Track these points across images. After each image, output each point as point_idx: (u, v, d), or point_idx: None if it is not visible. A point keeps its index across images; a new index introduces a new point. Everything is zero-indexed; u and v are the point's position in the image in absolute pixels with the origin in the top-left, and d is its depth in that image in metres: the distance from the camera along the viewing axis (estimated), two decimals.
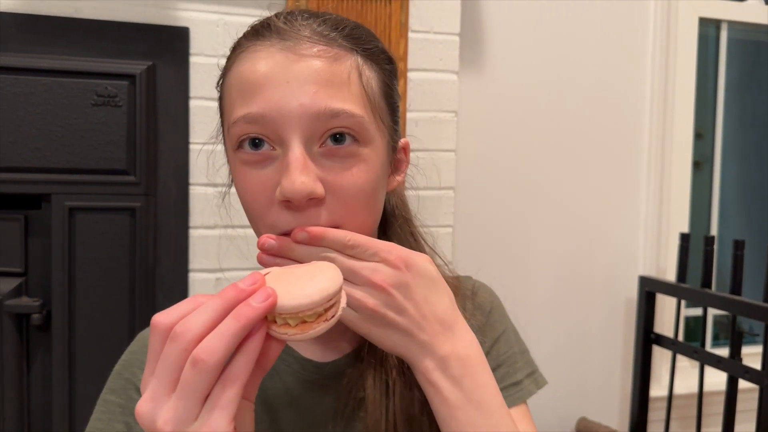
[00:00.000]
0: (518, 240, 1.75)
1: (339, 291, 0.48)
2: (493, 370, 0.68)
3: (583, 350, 1.83)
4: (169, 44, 1.35)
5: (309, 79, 0.55)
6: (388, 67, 0.64)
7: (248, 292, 0.44)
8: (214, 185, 1.39)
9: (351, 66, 0.58)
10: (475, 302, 0.75)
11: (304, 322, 0.46)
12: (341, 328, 0.63)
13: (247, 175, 0.58)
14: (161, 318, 0.44)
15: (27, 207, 1.34)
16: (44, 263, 1.34)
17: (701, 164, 2.12)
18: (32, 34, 1.29)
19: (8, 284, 1.32)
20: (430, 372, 0.56)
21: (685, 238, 1.68)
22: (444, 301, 0.57)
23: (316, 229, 0.54)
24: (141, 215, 1.35)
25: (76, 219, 1.32)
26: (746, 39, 2.14)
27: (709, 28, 2.04)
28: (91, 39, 1.31)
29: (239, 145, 0.57)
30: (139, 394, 0.64)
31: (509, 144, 1.73)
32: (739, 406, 1.55)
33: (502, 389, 0.67)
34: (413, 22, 1.48)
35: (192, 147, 1.38)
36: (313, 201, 0.56)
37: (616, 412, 1.87)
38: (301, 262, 0.55)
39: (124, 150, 1.33)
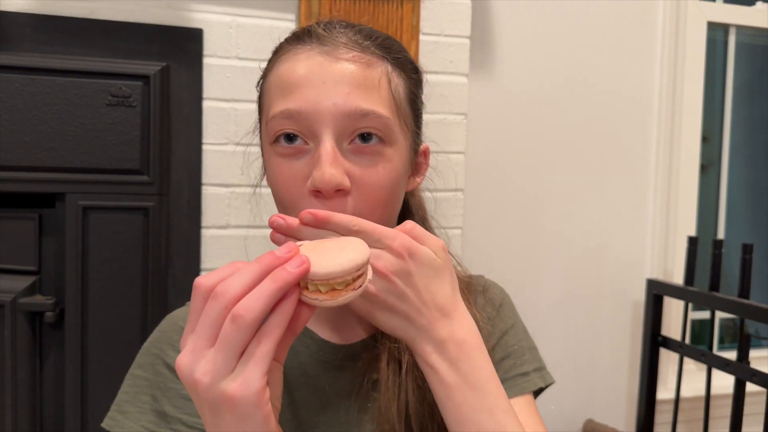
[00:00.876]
0: (526, 242, 1.76)
1: (367, 262, 0.51)
2: (501, 360, 0.74)
3: (591, 352, 1.84)
4: (183, 45, 1.36)
5: (343, 80, 0.61)
6: (414, 77, 0.69)
7: (284, 259, 0.46)
8: (227, 185, 1.40)
9: (382, 72, 0.63)
10: (486, 297, 0.79)
11: (334, 289, 0.49)
12: (358, 315, 0.68)
13: (281, 166, 0.62)
14: (203, 280, 0.47)
15: (41, 206, 1.35)
16: (58, 262, 1.35)
17: (708, 167, 2.12)
18: (47, 35, 1.30)
19: (22, 282, 1.33)
20: (427, 354, 0.58)
21: (692, 242, 1.68)
22: (445, 289, 0.59)
23: (321, 213, 0.55)
24: (154, 215, 1.36)
25: (90, 218, 1.33)
26: (754, 43, 2.14)
27: (717, 32, 2.05)
28: (105, 40, 1.33)
29: (276, 139, 0.63)
30: (168, 369, 0.69)
31: (518, 147, 1.74)
32: (747, 409, 1.55)
33: (508, 379, 0.73)
34: (424, 25, 1.49)
35: (205, 147, 1.39)
36: (341, 192, 0.60)
37: (623, 414, 1.88)
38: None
39: (137, 150, 1.34)
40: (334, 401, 0.69)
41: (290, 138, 0.62)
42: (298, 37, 0.65)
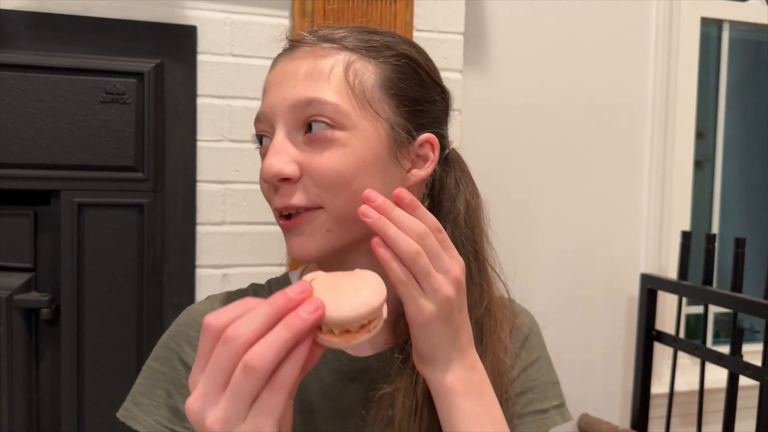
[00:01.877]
0: (521, 238, 1.76)
1: (382, 304, 0.50)
2: (521, 393, 0.74)
3: (585, 347, 1.84)
4: (177, 42, 1.37)
5: (294, 76, 0.64)
6: (396, 63, 0.67)
7: (297, 301, 0.45)
8: (221, 182, 1.41)
9: (336, 61, 0.64)
10: (515, 325, 0.79)
11: (348, 331, 0.48)
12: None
13: (260, 166, 0.66)
14: (212, 320, 0.45)
15: (36, 203, 1.35)
16: (53, 258, 1.35)
17: (703, 163, 2.13)
18: (42, 32, 1.31)
19: (18, 279, 1.33)
20: (457, 379, 0.61)
21: (686, 236, 1.69)
22: (469, 325, 0.63)
23: (414, 200, 0.58)
24: (149, 212, 1.36)
25: (85, 215, 1.34)
26: (748, 39, 2.15)
27: (710, 28, 2.05)
28: (99, 37, 1.33)
29: (258, 142, 0.69)
30: (183, 365, 0.69)
31: (512, 143, 1.74)
32: (740, 403, 1.56)
33: (526, 414, 0.74)
34: (418, 21, 1.49)
35: (199, 144, 1.39)
36: (288, 181, 0.63)
37: (618, 408, 1.89)
38: (395, 224, 0.57)
39: (132, 147, 1.34)
40: (346, 411, 0.70)
41: (261, 139, 0.67)
42: (284, 47, 0.70)
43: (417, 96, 0.68)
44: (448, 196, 0.73)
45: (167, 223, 1.39)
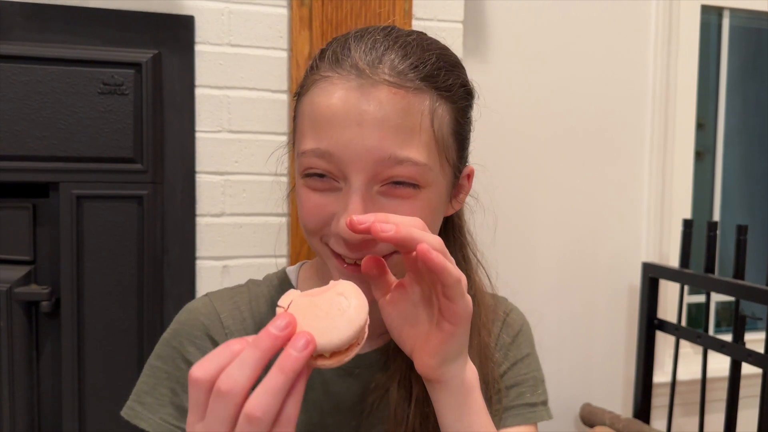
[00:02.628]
0: (522, 228, 1.76)
1: (366, 321, 0.49)
2: (510, 387, 0.76)
3: (587, 337, 1.84)
4: (175, 33, 1.36)
5: (379, 124, 0.57)
6: (463, 103, 0.65)
7: (283, 338, 0.44)
8: (220, 173, 1.40)
9: (424, 111, 0.59)
10: (506, 322, 0.80)
11: (338, 352, 0.48)
12: (374, 321, 0.70)
13: (310, 195, 0.62)
14: (199, 373, 0.44)
15: (35, 195, 1.34)
16: (52, 251, 1.35)
17: (703, 154, 2.13)
18: (38, 23, 1.30)
19: (17, 272, 1.32)
20: (471, 372, 0.60)
21: (687, 224, 1.68)
22: None
23: (431, 251, 0.53)
24: (148, 203, 1.36)
25: (84, 207, 1.33)
26: (748, 26, 2.14)
27: (710, 15, 2.05)
28: (97, 28, 1.32)
29: (306, 174, 0.61)
30: (187, 364, 0.69)
31: (512, 133, 1.74)
32: (742, 392, 1.56)
33: (515, 407, 0.75)
34: (417, 10, 1.48)
35: (198, 135, 1.38)
36: (367, 242, 0.60)
37: (620, 398, 1.89)
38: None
39: (131, 138, 1.34)
40: (346, 406, 0.70)
41: (321, 176, 0.61)
42: (338, 61, 0.61)
43: (468, 133, 0.67)
44: None
45: (167, 214, 1.38)
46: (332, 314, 0.47)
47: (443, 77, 0.62)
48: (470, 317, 0.55)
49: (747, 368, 1.55)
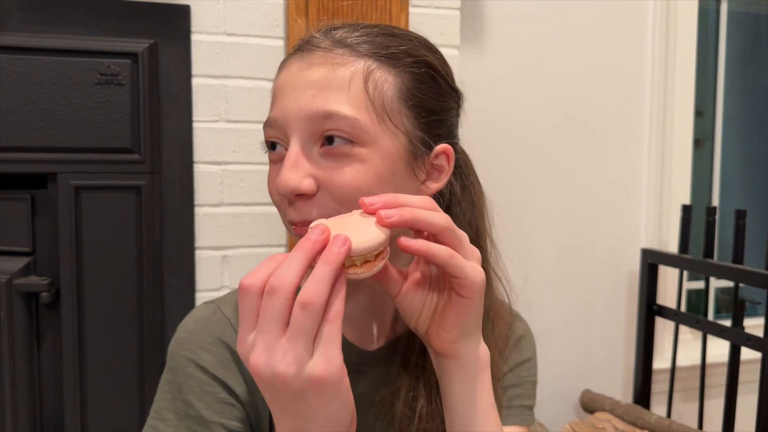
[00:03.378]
0: (522, 215, 1.76)
1: (390, 232, 0.53)
2: (510, 386, 0.78)
3: (587, 324, 1.84)
4: (171, 22, 1.35)
5: (310, 84, 0.61)
6: (416, 71, 0.64)
7: (322, 241, 0.48)
8: (218, 163, 1.40)
9: (356, 71, 0.61)
10: (511, 326, 0.82)
11: (367, 261, 0.51)
12: (383, 318, 0.72)
13: (270, 172, 0.66)
14: (251, 280, 0.47)
15: (33, 186, 1.34)
16: (52, 242, 1.35)
17: (702, 142, 2.12)
18: (34, 14, 1.29)
19: (17, 263, 1.33)
20: (483, 353, 0.61)
21: (686, 210, 1.68)
22: None
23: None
24: (147, 193, 1.36)
25: (82, 198, 1.33)
26: (747, 12, 2.14)
27: (709, 1, 2.04)
28: (92, 18, 1.31)
29: (268, 147, 0.66)
30: (202, 371, 0.68)
31: (511, 120, 1.73)
32: (741, 377, 1.56)
33: (513, 406, 0.78)
34: None
35: (195, 125, 1.38)
36: (304, 197, 0.61)
37: (620, 384, 1.89)
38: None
39: (128, 128, 1.33)
40: (355, 402, 0.70)
41: (273, 145, 0.65)
42: (296, 47, 0.66)
43: (435, 106, 0.66)
44: (455, 198, 0.73)
45: (165, 204, 1.38)
46: (360, 227, 0.52)
47: (384, 45, 0.64)
48: (482, 287, 0.55)
49: (746, 354, 1.55)
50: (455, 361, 0.59)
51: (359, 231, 0.51)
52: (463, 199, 0.74)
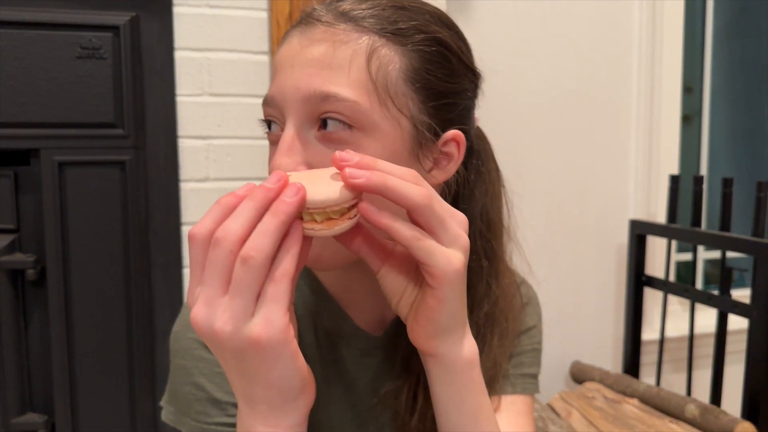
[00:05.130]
0: (509, 187, 1.75)
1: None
2: (513, 356, 0.74)
3: (576, 296, 1.85)
4: None
5: (310, 63, 0.56)
6: (426, 50, 0.59)
7: (276, 190, 0.44)
8: (203, 137, 1.39)
9: (358, 49, 0.56)
10: (520, 293, 0.79)
11: (330, 218, 0.47)
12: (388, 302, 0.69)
13: (269, 153, 0.62)
14: (198, 229, 0.45)
15: (16, 163, 1.33)
16: (36, 219, 1.34)
17: (691, 118, 2.12)
18: None
19: (1, 241, 1.32)
20: (471, 345, 0.55)
21: (674, 180, 1.69)
22: None
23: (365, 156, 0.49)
24: (131, 169, 1.35)
25: (66, 174, 1.32)
26: None
27: None
28: None
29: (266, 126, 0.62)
30: (205, 350, 0.65)
31: (499, 94, 1.72)
32: (729, 347, 1.58)
33: (517, 375, 0.74)
34: None
35: (179, 99, 1.37)
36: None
37: (609, 355, 1.90)
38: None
39: (111, 103, 1.32)
40: (360, 385, 0.70)
41: (269, 125, 0.60)
42: (299, 19, 0.61)
43: (445, 89, 0.61)
44: (464, 186, 0.68)
45: (150, 180, 1.38)
46: (325, 179, 0.47)
47: (392, 20, 0.58)
48: (454, 278, 0.48)
49: (733, 324, 1.56)
50: (433, 359, 0.54)
51: (323, 182, 0.47)
52: (476, 186, 0.69)
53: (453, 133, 0.62)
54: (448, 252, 0.48)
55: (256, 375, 0.45)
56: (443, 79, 0.60)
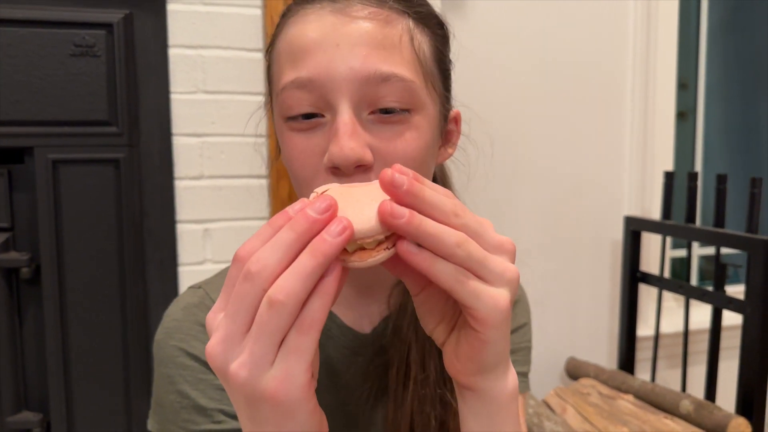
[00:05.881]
0: (504, 184, 1.76)
1: None
2: None
3: (571, 292, 1.85)
4: None
5: (360, 41, 0.54)
6: (440, 32, 0.62)
7: (322, 222, 0.39)
8: (197, 135, 1.39)
9: (403, 29, 0.56)
10: None
11: (363, 249, 0.41)
12: (378, 299, 0.69)
13: (295, 140, 0.57)
14: (241, 251, 0.40)
15: (10, 161, 1.33)
16: (31, 217, 1.34)
17: (686, 114, 2.13)
18: None
19: None
20: (512, 383, 0.49)
21: (669, 176, 1.69)
22: None
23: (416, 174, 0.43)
24: (125, 166, 1.34)
25: (60, 172, 1.32)
26: None
27: None
28: None
29: (289, 116, 0.56)
30: (193, 359, 0.63)
31: (493, 88, 1.73)
32: (724, 343, 1.58)
33: None
34: None
35: (173, 96, 1.37)
36: (361, 168, 0.54)
37: (605, 351, 1.91)
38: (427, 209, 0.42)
39: (105, 100, 1.32)
40: (349, 384, 0.68)
41: (305, 116, 0.56)
42: None
43: (449, 68, 0.64)
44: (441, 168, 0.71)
45: (144, 178, 1.37)
46: (363, 202, 0.41)
47: (415, 3, 0.59)
48: (501, 322, 0.43)
49: (728, 320, 1.56)
50: (472, 393, 0.48)
51: (360, 206, 0.41)
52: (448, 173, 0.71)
53: (455, 111, 0.66)
54: (493, 293, 0.42)
55: (266, 426, 0.41)
56: (449, 60, 0.64)
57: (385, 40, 0.55)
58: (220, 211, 1.42)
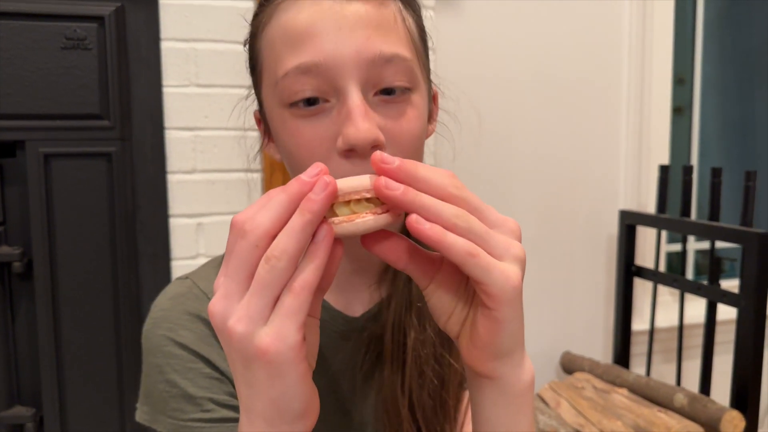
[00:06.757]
0: (500, 178, 1.75)
1: None
2: None
3: (567, 286, 1.85)
4: None
5: (360, 23, 0.54)
6: (417, 12, 0.63)
7: (311, 184, 0.41)
8: (190, 129, 1.38)
9: (395, 9, 0.57)
10: None
11: (354, 212, 0.43)
12: (369, 282, 0.68)
13: (302, 128, 0.56)
14: (238, 216, 0.42)
15: (2, 155, 1.32)
16: (22, 211, 1.33)
17: (682, 109, 2.12)
18: None
19: None
20: (527, 369, 0.50)
21: (664, 170, 1.69)
22: None
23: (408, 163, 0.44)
24: (117, 160, 1.34)
25: (52, 165, 1.31)
26: None
27: None
28: None
29: (291, 103, 0.56)
30: (182, 348, 0.63)
31: (489, 81, 1.72)
32: (718, 338, 1.58)
33: None
34: None
35: (165, 90, 1.36)
36: (375, 149, 0.54)
37: (600, 346, 1.91)
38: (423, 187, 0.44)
39: (96, 94, 1.31)
40: (339, 370, 0.68)
41: (308, 102, 0.55)
42: None
43: (427, 47, 0.64)
44: None
45: (137, 171, 1.37)
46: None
47: None
48: (513, 297, 0.44)
49: (723, 315, 1.56)
50: (490, 382, 0.49)
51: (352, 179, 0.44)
52: None
53: (434, 89, 0.67)
54: (505, 268, 0.43)
55: (258, 387, 0.42)
56: (427, 38, 0.64)
57: (383, 21, 0.55)
58: (213, 205, 1.42)
